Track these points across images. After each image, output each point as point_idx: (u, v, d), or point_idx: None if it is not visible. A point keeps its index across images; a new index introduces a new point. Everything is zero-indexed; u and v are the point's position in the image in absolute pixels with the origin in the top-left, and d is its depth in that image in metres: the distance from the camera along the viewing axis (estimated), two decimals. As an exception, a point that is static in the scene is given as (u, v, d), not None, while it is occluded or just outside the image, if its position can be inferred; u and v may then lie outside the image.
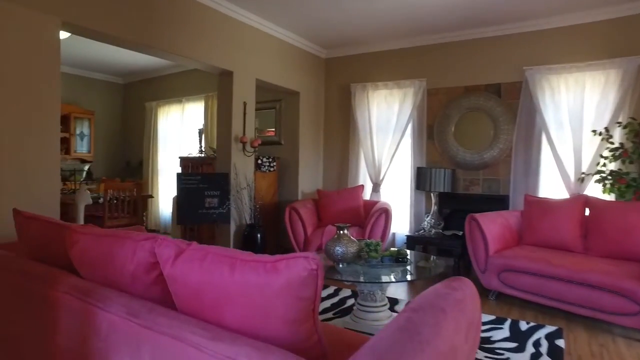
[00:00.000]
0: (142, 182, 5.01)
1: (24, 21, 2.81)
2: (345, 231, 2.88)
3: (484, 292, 3.68)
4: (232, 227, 4.53)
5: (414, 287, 3.99)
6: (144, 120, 7.39)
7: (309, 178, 5.76)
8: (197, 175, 4.31)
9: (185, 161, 5.90)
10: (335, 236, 2.89)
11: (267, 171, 5.33)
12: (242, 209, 4.61)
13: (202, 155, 5.77)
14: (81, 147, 7.11)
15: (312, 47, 5.60)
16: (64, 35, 4.86)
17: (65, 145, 6.95)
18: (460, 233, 4.37)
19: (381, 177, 5.27)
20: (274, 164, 5.41)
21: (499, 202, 4.54)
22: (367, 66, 5.54)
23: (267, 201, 5.32)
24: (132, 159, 7.75)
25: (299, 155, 5.57)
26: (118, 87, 7.95)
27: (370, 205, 4.89)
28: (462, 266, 4.36)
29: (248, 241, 4.45)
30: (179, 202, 4.10)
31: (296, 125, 5.58)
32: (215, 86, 4.73)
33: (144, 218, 4.84)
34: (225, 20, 4.33)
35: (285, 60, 5.21)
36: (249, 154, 4.71)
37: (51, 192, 2.99)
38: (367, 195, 5.33)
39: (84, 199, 3.59)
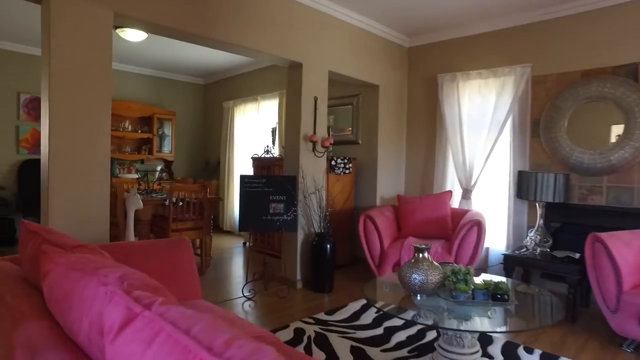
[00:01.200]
0: (210, 183, 4.78)
1: (76, 13, 2.63)
2: (426, 254, 2.27)
3: (613, 339, 2.81)
4: (300, 236, 4.10)
5: (512, 317, 3.20)
6: (222, 119, 7.32)
7: (389, 181, 5.14)
8: (261, 178, 3.93)
9: (256, 161, 5.64)
10: (413, 260, 2.29)
11: (342, 173, 4.82)
12: (310, 216, 4.16)
13: (270, 155, 5.44)
14: (164, 148, 7.26)
15: (393, 35, 4.97)
16: (142, 36, 4.85)
17: (149, 145, 7.15)
18: (577, 256, 3.46)
19: (473, 182, 4.49)
20: (350, 165, 4.89)
21: (632, 218, 3.54)
22: (456, 53, 4.78)
23: (339, 207, 4.82)
24: (210, 158, 7.75)
25: (378, 156, 4.98)
26: (199, 88, 8.00)
27: (460, 214, 4.16)
28: (579, 297, 3.46)
29: (317, 252, 3.98)
30: (241, 207, 3.76)
31: (375, 122, 5.00)
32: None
33: (211, 221, 4.60)
34: (293, 7, 3.90)
35: (362, 50, 4.65)
36: (320, 155, 4.24)
37: (100, 193, 2.78)
38: (455, 202, 4.59)
39: (134, 203, 3.39)
